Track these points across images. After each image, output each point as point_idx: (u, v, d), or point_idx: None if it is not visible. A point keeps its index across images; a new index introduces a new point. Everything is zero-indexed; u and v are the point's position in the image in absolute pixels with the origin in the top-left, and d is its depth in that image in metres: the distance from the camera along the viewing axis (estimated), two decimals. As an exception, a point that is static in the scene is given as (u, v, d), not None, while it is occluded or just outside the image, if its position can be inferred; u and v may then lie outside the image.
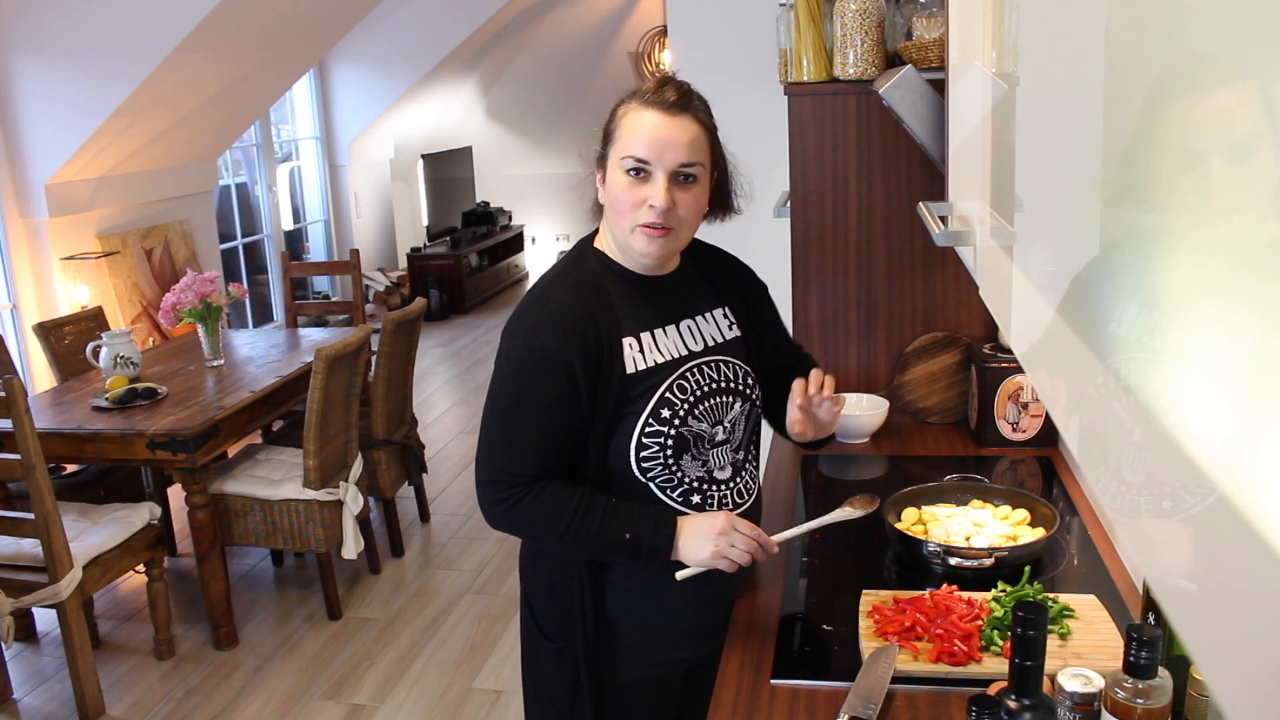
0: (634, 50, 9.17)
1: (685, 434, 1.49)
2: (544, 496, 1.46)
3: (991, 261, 1.06)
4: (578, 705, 1.60)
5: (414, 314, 3.85)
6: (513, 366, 1.48)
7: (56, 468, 3.68)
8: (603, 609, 1.56)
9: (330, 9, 5.29)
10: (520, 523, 1.50)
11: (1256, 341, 0.40)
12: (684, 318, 1.56)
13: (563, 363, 1.44)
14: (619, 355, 1.47)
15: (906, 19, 2.16)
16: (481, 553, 4.00)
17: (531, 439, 1.47)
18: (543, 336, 1.46)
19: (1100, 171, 0.64)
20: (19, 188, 4.59)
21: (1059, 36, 0.77)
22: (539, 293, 1.53)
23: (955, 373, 2.34)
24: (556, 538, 1.48)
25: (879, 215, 2.32)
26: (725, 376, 1.55)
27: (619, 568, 1.55)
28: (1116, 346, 0.60)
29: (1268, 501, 0.39)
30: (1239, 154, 0.43)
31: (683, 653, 1.61)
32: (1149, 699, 1.05)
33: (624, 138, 1.45)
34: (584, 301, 1.48)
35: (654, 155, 1.42)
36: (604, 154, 1.50)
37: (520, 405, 1.47)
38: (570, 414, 1.46)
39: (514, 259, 9.44)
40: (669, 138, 1.42)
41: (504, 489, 1.47)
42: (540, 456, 1.47)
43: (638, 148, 1.42)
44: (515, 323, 1.51)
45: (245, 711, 3.01)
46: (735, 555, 1.45)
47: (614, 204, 1.47)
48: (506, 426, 1.48)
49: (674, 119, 1.43)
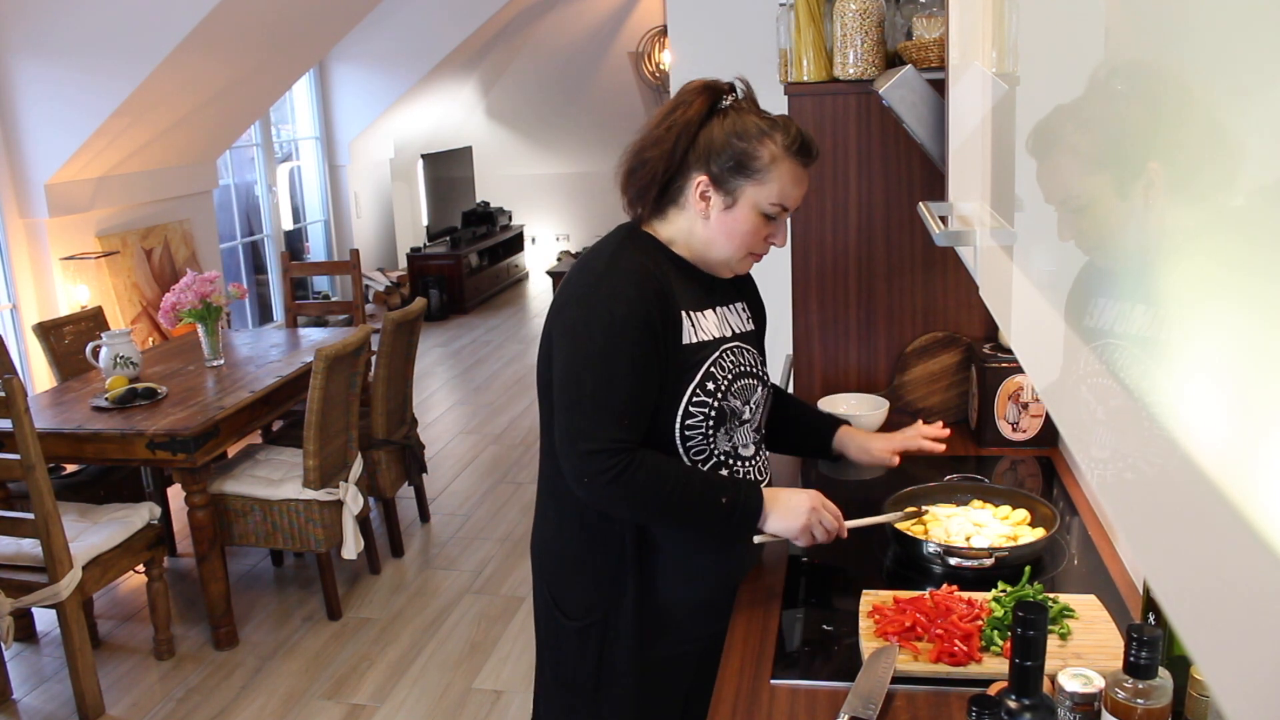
0: (634, 50, 9.17)
1: (725, 408, 1.57)
2: (648, 462, 1.49)
3: (991, 261, 1.06)
4: (604, 684, 1.63)
5: (414, 314, 3.85)
6: (597, 331, 1.49)
7: (56, 468, 3.68)
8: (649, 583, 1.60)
9: (330, 9, 5.29)
10: (626, 491, 1.49)
11: (1258, 341, 0.40)
12: (719, 304, 1.64)
13: (647, 322, 1.49)
14: (679, 323, 1.55)
15: (906, 19, 2.16)
16: (481, 553, 4.00)
17: (628, 403, 1.49)
18: (625, 298, 1.50)
19: (1100, 171, 0.64)
20: (19, 188, 4.59)
21: (1059, 37, 0.77)
22: (606, 262, 1.56)
23: (955, 373, 2.34)
24: (659, 504, 1.50)
25: (879, 215, 2.32)
26: (749, 362, 1.64)
27: (668, 540, 1.59)
28: (1116, 346, 0.60)
29: (1268, 501, 0.39)
30: (1240, 153, 0.43)
31: (703, 628, 1.64)
32: (1149, 699, 1.05)
33: (776, 184, 1.54)
34: (649, 270, 1.54)
35: (794, 205, 1.58)
36: (734, 182, 1.55)
37: (613, 369, 1.48)
38: (655, 375, 1.51)
39: (514, 259, 9.44)
40: (803, 191, 1.59)
41: (608, 458, 1.47)
42: (636, 421, 1.50)
43: (789, 199, 1.56)
44: (586, 292, 1.54)
45: (245, 711, 3.01)
46: (819, 533, 1.58)
47: (734, 231, 1.56)
48: (602, 392, 1.48)
49: (806, 173, 1.59)
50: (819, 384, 2.41)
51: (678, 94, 1.59)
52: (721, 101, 1.57)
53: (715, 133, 1.54)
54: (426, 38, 7.49)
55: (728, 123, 1.54)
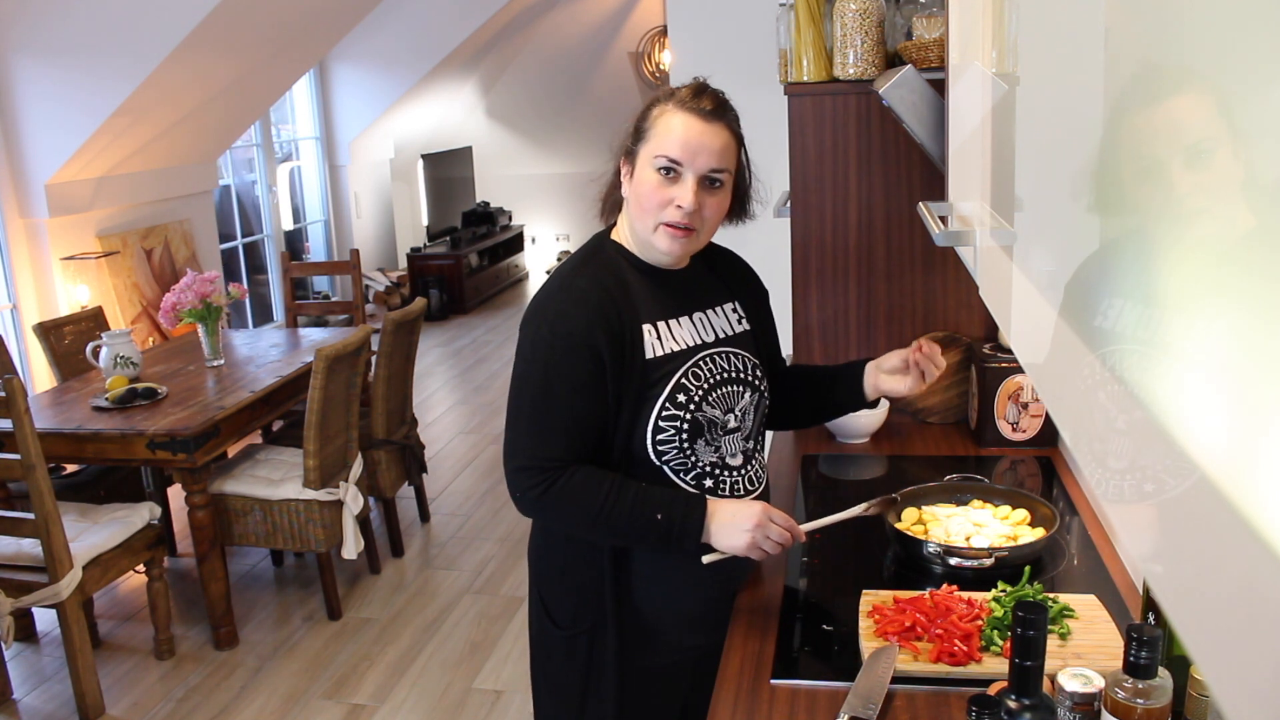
0: (634, 50, 9.17)
1: (700, 419, 1.53)
2: (575, 480, 1.48)
3: (991, 261, 1.06)
4: (590, 693, 1.62)
5: (414, 314, 3.85)
6: (539, 351, 1.49)
7: (56, 468, 3.68)
8: (626, 596, 1.58)
9: (330, 9, 5.29)
10: (553, 508, 1.50)
11: (1257, 340, 0.40)
12: (696, 310, 1.60)
13: (589, 344, 1.47)
14: (640, 340, 1.52)
15: (906, 19, 2.16)
16: (481, 553, 4.00)
17: (561, 423, 1.48)
18: (569, 320, 1.48)
19: (1100, 171, 0.64)
20: (19, 188, 4.59)
21: (1059, 36, 0.77)
22: (560, 281, 1.55)
23: (955, 373, 2.34)
24: (589, 521, 1.49)
25: (879, 215, 2.32)
26: (735, 367, 1.59)
27: (640, 555, 1.57)
28: (1116, 345, 0.60)
29: (1267, 501, 0.39)
30: (1238, 152, 0.43)
31: (693, 640, 1.63)
32: (1149, 699, 1.05)
33: (658, 137, 1.48)
34: (605, 288, 1.52)
35: (686, 158, 1.47)
36: (634, 150, 1.52)
37: (549, 389, 1.48)
38: (597, 396, 1.48)
39: (514, 259, 9.44)
40: (702, 143, 1.47)
41: (536, 475, 1.48)
42: (570, 440, 1.49)
43: (671, 149, 1.47)
44: (538, 310, 1.54)
45: (245, 711, 3.01)
46: (769, 547, 1.49)
47: (640, 200, 1.50)
48: (536, 412, 1.49)
49: (708, 125, 1.48)
50: (819, 384, 2.41)
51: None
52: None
53: None
54: (426, 38, 7.49)
55: None
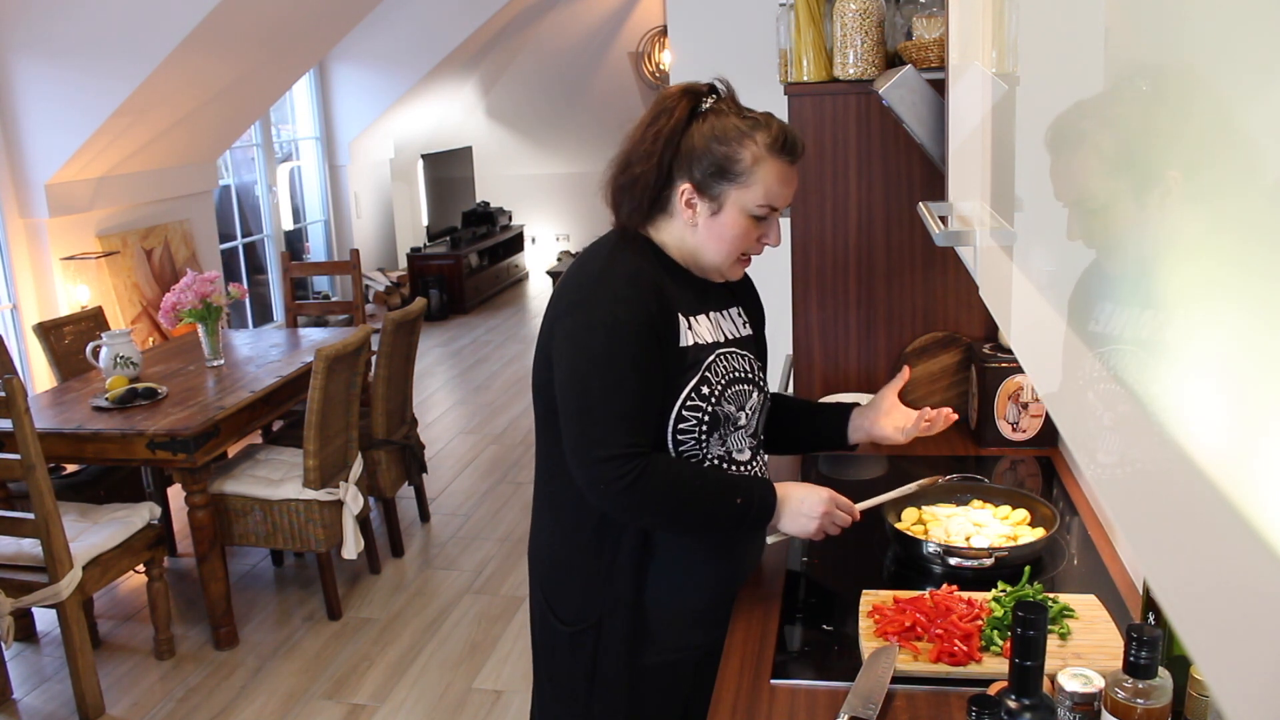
0: (634, 50, 9.17)
1: (719, 413, 1.54)
2: (661, 466, 1.47)
3: (991, 261, 1.06)
4: (596, 691, 1.61)
5: (414, 314, 3.85)
6: (601, 335, 1.46)
7: (56, 468, 3.68)
8: (631, 590, 1.58)
9: (330, 9, 5.29)
10: (644, 497, 1.46)
11: (1257, 341, 0.40)
12: (713, 309, 1.62)
13: (650, 323, 1.48)
14: (676, 325, 1.53)
15: (906, 19, 2.16)
16: (481, 553, 4.00)
17: (636, 407, 1.47)
18: (629, 302, 1.48)
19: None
20: (19, 188, 4.59)
21: (1059, 37, 0.77)
22: (602, 265, 1.54)
23: (955, 373, 2.34)
24: (679, 506, 1.48)
25: (879, 215, 2.32)
26: (744, 368, 1.61)
27: (645, 549, 1.56)
28: (1116, 345, 0.60)
29: (1268, 501, 0.39)
30: (1239, 151, 0.43)
31: (697, 637, 1.63)
32: (1149, 699, 1.05)
33: (760, 186, 1.51)
34: (646, 270, 1.53)
35: (783, 204, 1.54)
36: (718, 187, 1.52)
37: (620, 373, 1.46)
38: (658, 376, 1.49)
39: (514, 259, 9.44)
40: (792, 188, 1.56)
41: (624, 463, 1.44)
42: (645, 425, 1.48)
43: (776, 199, 1.53)
44: (585, 296, 1.51)
45: (245, 711, 3.01)
46: (833, 531, 1.59)
47: (723, 236, 1.53)
48: (611, 398, 1.46)
49: (794, 169, 1.55)
50: (819, 384, 2.42)
51: (657, 101, 1.56)
52: (701, 105, 1.54)
53: (695, 138, 1.51)
54: (426, 38, 7.49)
55: (706, 126, 1.51)
